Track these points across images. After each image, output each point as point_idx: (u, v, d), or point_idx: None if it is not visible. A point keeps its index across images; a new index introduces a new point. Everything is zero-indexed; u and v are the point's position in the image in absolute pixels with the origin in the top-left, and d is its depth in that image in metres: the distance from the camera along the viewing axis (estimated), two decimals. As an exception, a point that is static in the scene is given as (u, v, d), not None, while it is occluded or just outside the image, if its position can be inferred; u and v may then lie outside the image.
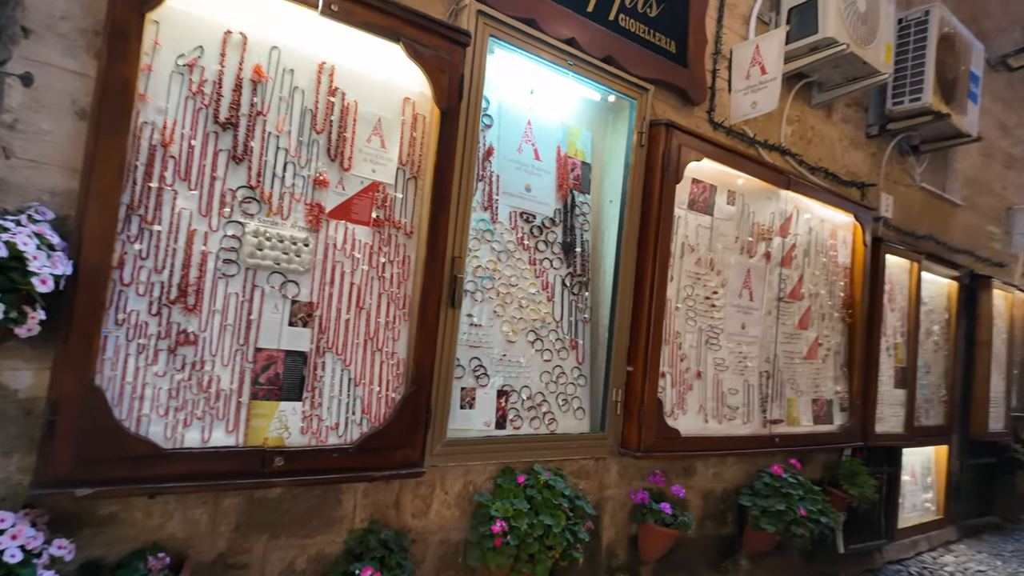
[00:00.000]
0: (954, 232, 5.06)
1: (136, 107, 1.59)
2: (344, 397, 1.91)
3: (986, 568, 4.34)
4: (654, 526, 2.64)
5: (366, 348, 1.96)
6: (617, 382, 2.63)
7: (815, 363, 3.61)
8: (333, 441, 1.87)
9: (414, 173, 2.09)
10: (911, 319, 4.26)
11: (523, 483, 2.23)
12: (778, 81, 2.96)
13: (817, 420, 3.58)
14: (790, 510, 2.94)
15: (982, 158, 5.45)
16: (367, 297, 1.97)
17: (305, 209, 1.87)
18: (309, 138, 1.89)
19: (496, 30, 2.26)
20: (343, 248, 1.93)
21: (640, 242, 2.71)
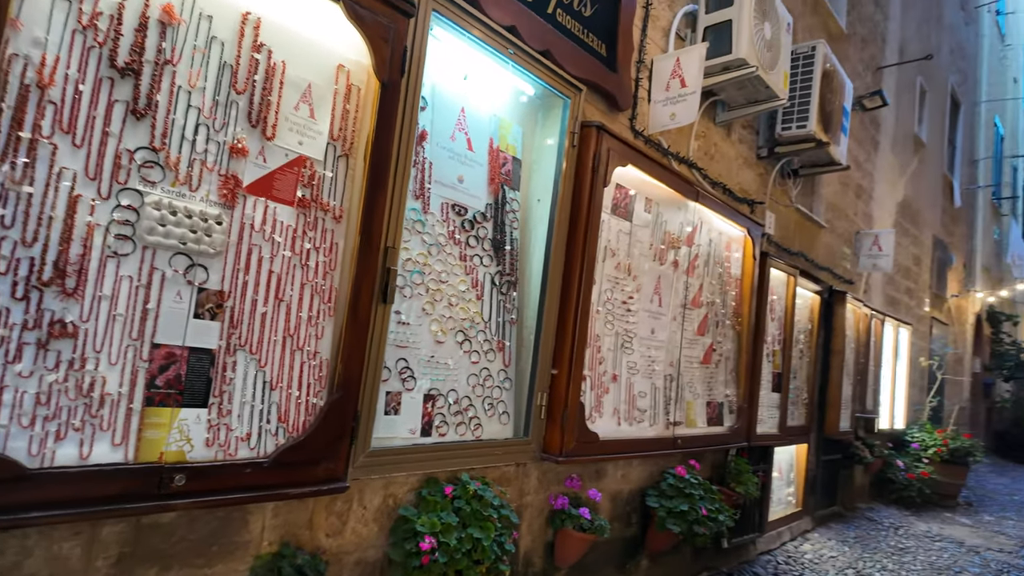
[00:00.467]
0: (818, 251, 5.61)
1: (6, 34, 1.24)
2: (258, 403, 1.65)
3: (836, 554, 4.85)
4: (572, 532, 2.60)
5: (285, 346, 1.71)
6: (542, 385, 2.56)
7: (710, 368, 3.80)
8: (244, 454, 1.61)
9: (346, 150, 1.87)
10: (787, 328, 4.65)
11: (451, 494, 2.08)
12: (697, 95, 3.07)
13: (710, 422, 3.77)
14: (693, 510, 3.04)
15: (840, 186, 6.12)
16: (288, 288, 1.72)
17: (219, 181, 1.59)
18: (227, 98, 1.61)
19: (439, 5, 2.10)
20: (262, 229, 1.67)
21: (568, 244, 2.67)
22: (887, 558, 4.89)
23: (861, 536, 5.47)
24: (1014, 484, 9.37)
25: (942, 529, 6.08)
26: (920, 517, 6.52)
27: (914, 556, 5.03)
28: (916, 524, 6.17)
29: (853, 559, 4.76)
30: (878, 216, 7.11)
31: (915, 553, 5.11)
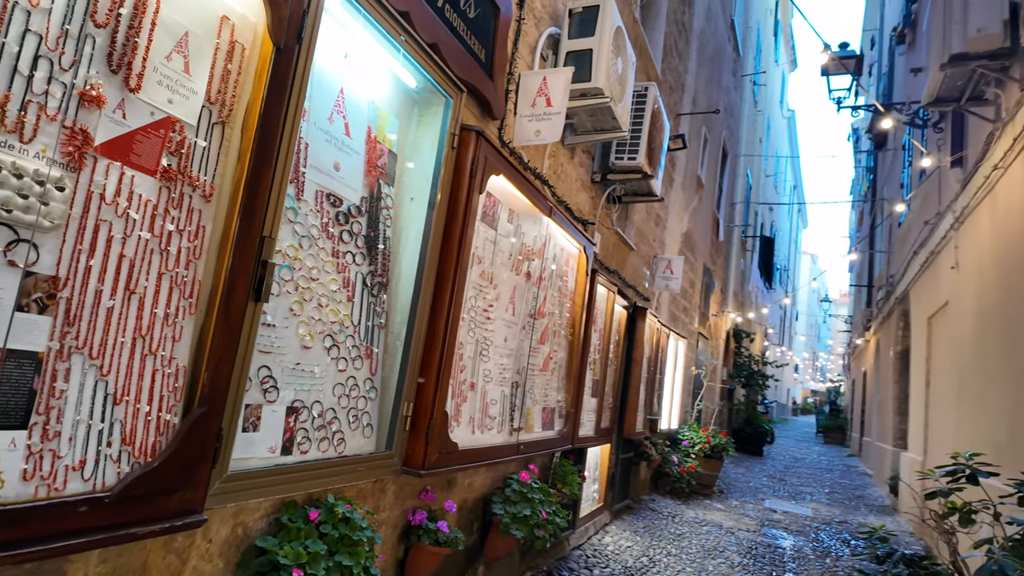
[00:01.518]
0: (627, 270, 6.23)
1: None
2: (97, 421, 1.30)
3: (631, 544, 5.40)
4: (427, 547, 2.50)
5: (135, 350, 1.37)
6: (409, 395, 2.43)
7: (547, 375, 3.97)
8: (76, 488, 1.25)
9: (223, 117, 1.57)
10: (605, 339, 5.07)
11: (316, 519, 1.86)
12: (562, 116, 3.20)
13: (544, 427, 3.94)
14: (535, 514, 3.14)
15: (646, 214, 6.88)
16: (142, 278, 1.39)
17: (63, 134, 1.22)
18: (82, 29, 1.25)
19: (339, -27, 1.88)
20: (115, 202, 1.33)
21: (443, 248, 2.58)
22: (669, 544, 5.58)
23: (648, 526, 6.17)
24: (748, 473, 11.38)
25: (705, 515, 7.12)
26: (688, 505, 7.56)
27: (689, 541, 5.81)
28: (686, 512, 7.15)
29: (645, 547, 5.34)
30: (669, 244, 8.13)
31: (690, 538, 5.91)
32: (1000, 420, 4.29)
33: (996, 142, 4.56)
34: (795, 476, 11.81)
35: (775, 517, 7.55)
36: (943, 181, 6.45)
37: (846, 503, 9.22)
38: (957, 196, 5.74)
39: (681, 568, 4.88)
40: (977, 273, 5.19)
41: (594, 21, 3.57)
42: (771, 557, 5.61)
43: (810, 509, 8.36)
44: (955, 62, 4.36)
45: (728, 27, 11.57)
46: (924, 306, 7.64)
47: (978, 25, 4.13)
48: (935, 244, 6.66)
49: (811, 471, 12.97)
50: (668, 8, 6.98)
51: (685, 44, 8.06)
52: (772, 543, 6.14)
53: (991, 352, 4.70)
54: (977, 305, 5.15)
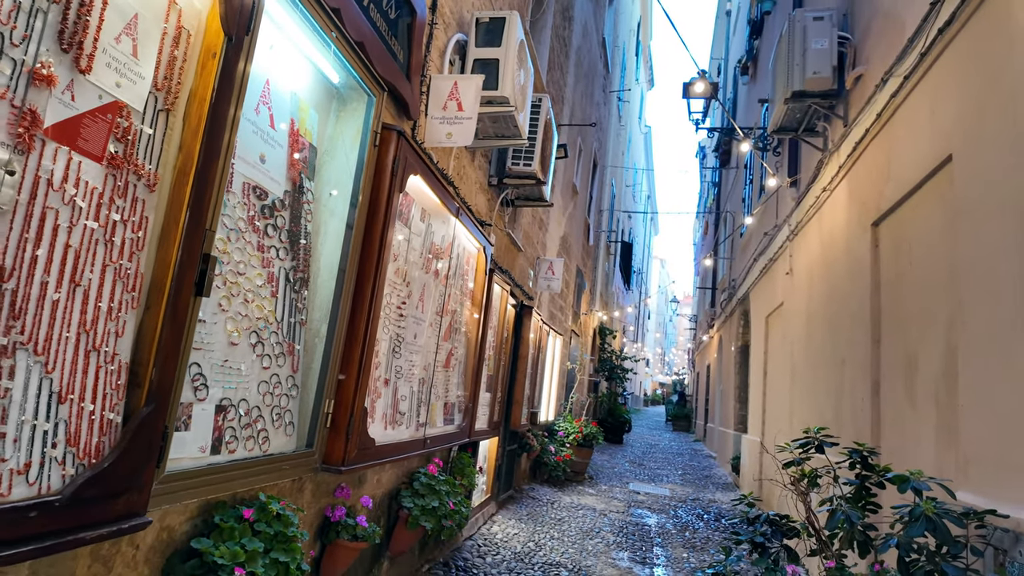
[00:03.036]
0: (516, 271, 6.49)
1: None
2: (42, 421, 1.21)
3: (517, 531, 5.65)
4: (345, 543, 2.51)
5: (79, 346, 1.30)
6: (330, 392, 2.43)
7: (448, 371, 4.07)
8: (22, 493, 1.16)
9: (168, 104, 1.52)
10: (499, 336, 5.27)
11: (250, 517, 1.82)
12: (473, 121, 3.33)
13: (446, 422, 4.04)
14: (443, 505, 3.24)
15: (532, 218, 7.20)
16: (87, 269, 1.32)
17: (11, 114, 1.14)
18: (34, 3, 1.17)
19: (280, -35, 1.86)
20: (61, 188, 1.25)
21: (364, 245, 2.60)
22: (552, 529, 5.92)
23: (531, 513, 6.48)
24: (612, 460, 12.25)
25: (580, 500, 7.61)
26: (564, 492, 8.02)
27: (569, 524, 6.19)
28: (563, 498, 7.58)
29: (530, 533, 5.62)
30: (550, 246, 8.56)
31: (569, 522, 6.31)
32: (826, 401, 5.10)
33: (824, 167, 5.41)
34: (652, 461, 12.91)
35: (639, 499, 8.25)
36: (780, 198, 7.47)
37: (697, 483, 10.28)
38: (792, 212, 6.69)
39: (564, 550, 5.22)
40: (807, 278, 6.10)
41: (500, 32, 3.73)
42: (640, 534, 6.16)
43: (668, 490, 9.22)
44: (796, 98, 5.11)
45: (600, 44, 12.35)
46: (762, 306, 8.76)
47: (814, 68, 4.89)
48: (773, 252, 7.68)
49: (665, 456, 14.23)
50: (552, 23, 7.36)
51: (565, 58, 8.53)
52: (640, 522, 6.73)
53: (817, 346, 5.57)
54: (806, 306, 6.05)
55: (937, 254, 3.20)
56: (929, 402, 3.18)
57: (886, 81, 3.86)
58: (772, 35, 9.80)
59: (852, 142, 4.57)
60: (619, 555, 5.29)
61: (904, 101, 3.63)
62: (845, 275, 4.76)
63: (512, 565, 4.53)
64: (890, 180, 3.85)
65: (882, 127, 4.01)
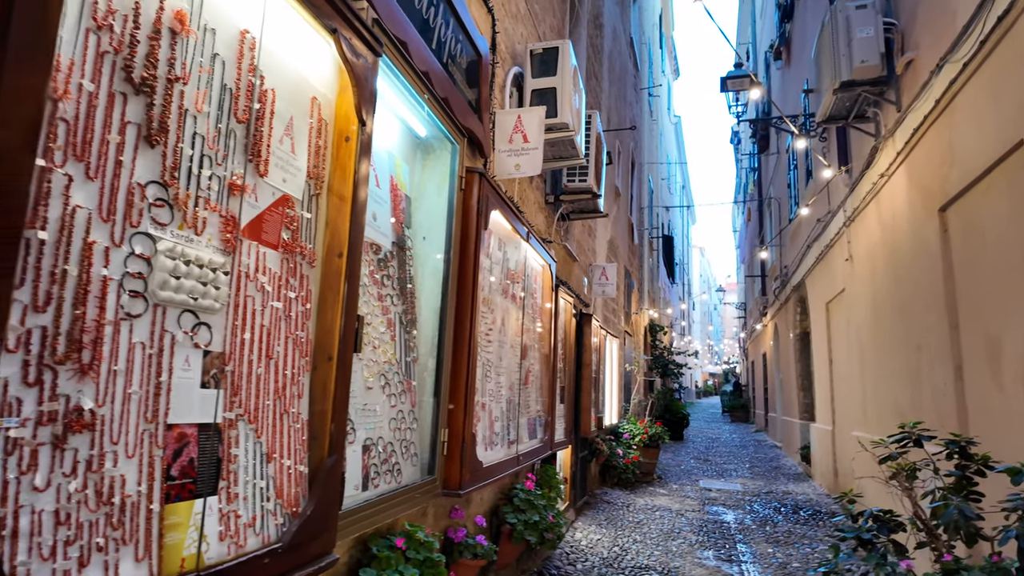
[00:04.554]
0: (572, 280, 6.63)
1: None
2: (258, 479, 1.42)
3: (600, 536, 5.77)
4: (467, 561, 2.69)
5: (275, 410, 1.50)
6: (443, 422, 2.62)
7: (528, 388, 4.24)
8: (252, 544, 1.37)
9: (318, 189, 1.72)
10: (567, 347, 5.41)
11: (402, 546, 2.02)
12: (540, 151, 3.50)
13: (530, 437, 4.20)
14: (543, 519, 3.39)
15: (582, 227, 7.32)
16: (276, 343, 1.52)
17: (220, 222, 1.35)
18: (228, 127, 1.38)
19: (385, 49, 2.06)
20: (255, 278, 1.46)
21: (459, 282, 2.79)
22: (632, 532, 6.02)
23: (608, 517, 6.58)
24: (677, 457, 12.22)
25: (653, 501, 7.67)
26: (636, 494, 8.09)
27: (648, 526, 6.28)
28: (636, 500, 7.66)
29: (613, 538, 5.73)
30: (599, 252, 8.66)
31: (648, 524, 6.39)
32: (901, 387, 5.07)
33: (879, 154, 5.38)
34: (717, 455, 12.81)
35: (712, 495, 8.25)
36: (832, 184, 7.40)
37: (766, 475, 10.18)
38: (846, 198, 6.64)
39: (649, 552, 5.31)
40: (869, 264, 6.05)
41: (554, 61, 3.89)
42: (720, 532, 6.19)
43: (739, 484, 9.18)
44: (844, 87, 5.11)
45: (628, 44, 12.40)
46: (821, 293, 8.66)
47: (861, 56, 4.89)
48: (829, 239, 7.61)
49: (729, 449, 14.09)
50: (586, 33, 7.49)
51: (599, 66, 8.64)
52: (717, 519, 6.75)
53: (887, 331, 5.52)
54: (871, 292, 6.00)
55: (1012, 236, 3.20)
56: (1018, 384, 3.18)
57: (941, 67, 3.86)
58: (804, 18, 9.69)
59: (909, 128, 4.56)
60: (704, 554, 5.35)
61: (963, 87, 3.63)
62: (913, 260, 4.74)
63: (603, 571, 4.66)
64: (954, 166, 3.84)
65: (941, 113, 4.00)
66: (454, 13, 2.83)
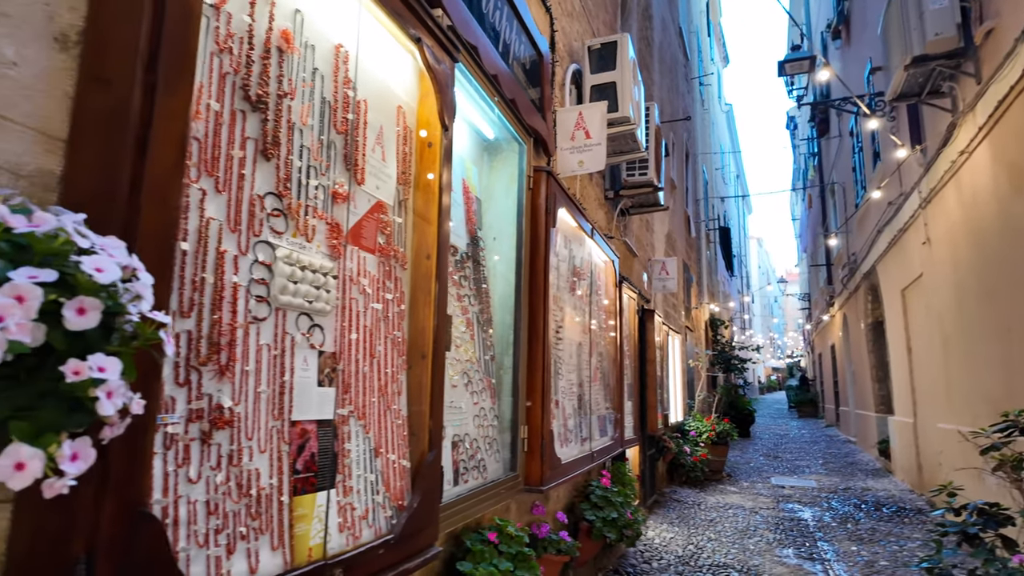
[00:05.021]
0: (633, 276, 6.56)
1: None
2: (368, 474, 1.48)
3: (673, 535, 5.69)
4: (552, 557, 2.71)
5: (379, 407, 1.56)
6: (522, 418, 2.65)
7: (596, 385, 4.23)
8: (367, 536, 1.43)
9: (407, 194, 1.78)
10: (631, 344, 5.36)
11: (495, 540, 2.06)
12: (603, 146, 3.48)
13: (600, 434, 4.19)
14: (621, 516, 3.38)
15: (640, 222, 7.24)
16: (377, 343, 1.58)
17: (327, 229, 1.42)
18: (328, 138, 1.45)
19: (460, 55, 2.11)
20: (357, 281, 1.52)
21: (531, 281, 2.81)
22: (706, 530, 5.90)
23: (680, 516, 6.48)
24: (745, 454, 11.90)
25: (725, 499, 7.50)
26: (706, 492, 7.93)
27: (722, 524, 6.14)
28: (707, 498, 7.50)
29: (686, 536, 5.64)
30: (657, 246, 8.53)
31: (721, 522, 6.25)
32: (993, 374, 4.78)
33: (958, 130, 5.09)
34: (787, 452, 12.39)
35: (785, 492, 7.99)
36: (904, 165, 7.05)
37: (842, 471, 9.78)
38: (920, 179, 6.31)
39: (726, 551, 5.19)
40: (950, 247, 5.73)
41: (612, 56, 3.87)
42: (798, 529, 5.99)
43: (813, 481, 8.85)
44: (917, 63, 4.87)
45: (677, 34, 12.18)
46: (896, 280, 8.26)
47: (935, 29, 4.64)
48: (903, 223, 7.25)
49: (799, 445, 13.61)
50: (637, 27, 7.41)
51: (650, 58, 8.52)
52: (794, 516, 6.54)
53: (973, 316, 5.22)
54: (954, 276, 5.68)
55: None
56: None
57: (1030, 33, 3.63)
58: (865, -7, 9.27)
59: (992, 101, 4.30)
60: (784, 552, 5.19)
61: (1057, 52, 3.40)
62: (1002, 241, 4.46)
63: (680, 569, 4.59)
64: (1049, 136, 3.60)
65: (1031, 81, 3.76)
66: (516, 14, 2.86)
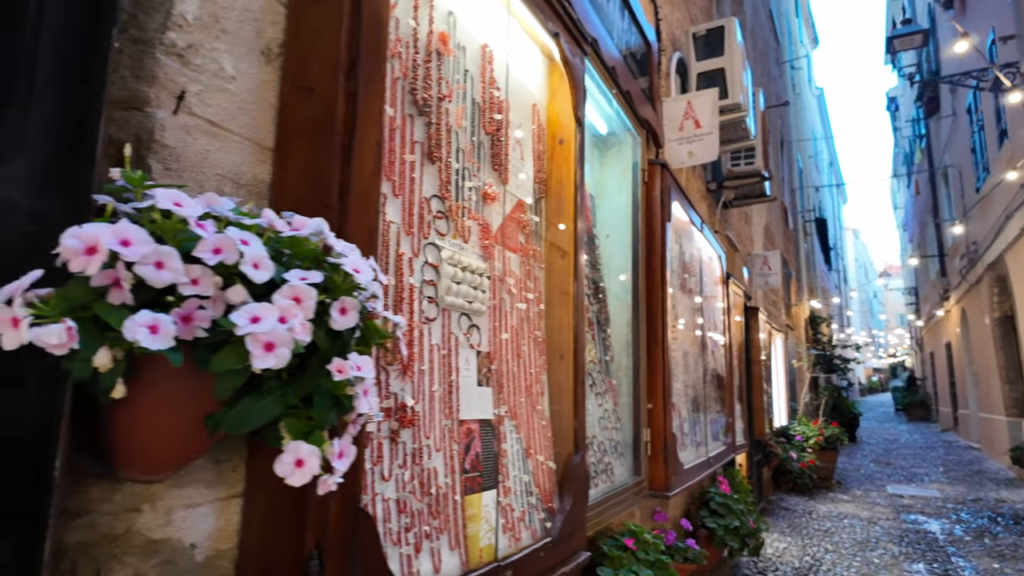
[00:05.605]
0: (735, 271, 6.28)
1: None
2: (523, 475, 1.47)
3: (786, 545, 5.39)
4: (679, 565, 2.61)
5: (527, 407, 1.55)
6: (644, 421, 2.57)
7: (708, 387, 4.06)
8: (525, 537, 1.42)
9: (542, 192, 1.76)
10: (739, 342, 5.13)
11: (632, 546, 2.00)
12: (715, 136, 3.34)
13: (714, 439, 4.02)
14: (744, 524, 3.22)
15: (739, 214, 6.93)
16: (523, 343, 1.57)
17: (479, 230, 1.42)
18: (478, 139, 1.45)
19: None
20: (504, 281, 1.52)
21: (647, 279, 2.73)
22: (822, 541, 5.55)
23: (791, 525, 6.14)
24: (852, 461, 11.14)
25: (837, 508, 7.04)
26: (816, 500, 7.48)
27: (839, 535, 5.76)
28: (818, 507, 7.07)
29: (801, 547, 5.33)
30: (756, 239, 8.15)
31: (837, 533, 5.86)
32: None
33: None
34: (900, 458, 11.50)
35: (905, 502, 7.40)
36: (1042, 142, 6.35)
37: (968, 480, 8.95)
38: (1066, 156, 5.66)
39: (847, 563, 4.86)
40: (1106, 231, 5.10)
41: (719, 41, 3.72)
42: (926, 543, 5.52)
43: (935, 490, 8.15)
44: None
45: (767, 17, 11.61)
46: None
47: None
48: (1041, 206, 6.53)
49: (913, 451, 12.61)
50: (730, 12, 7.11)
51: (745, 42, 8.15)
52: (920, 529, 6.04)
53: None
54: (1112, 263, 5.04)
55: None
56: None
57: None
58: (986, -44, 8.44)
59: None
60: (914, 567, 4.80)
61: None
62: None
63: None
64: None
65: None
66: (627, 4, 2.79)
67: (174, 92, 0.79)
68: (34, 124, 0.56)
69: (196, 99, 0.82)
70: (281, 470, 0.59)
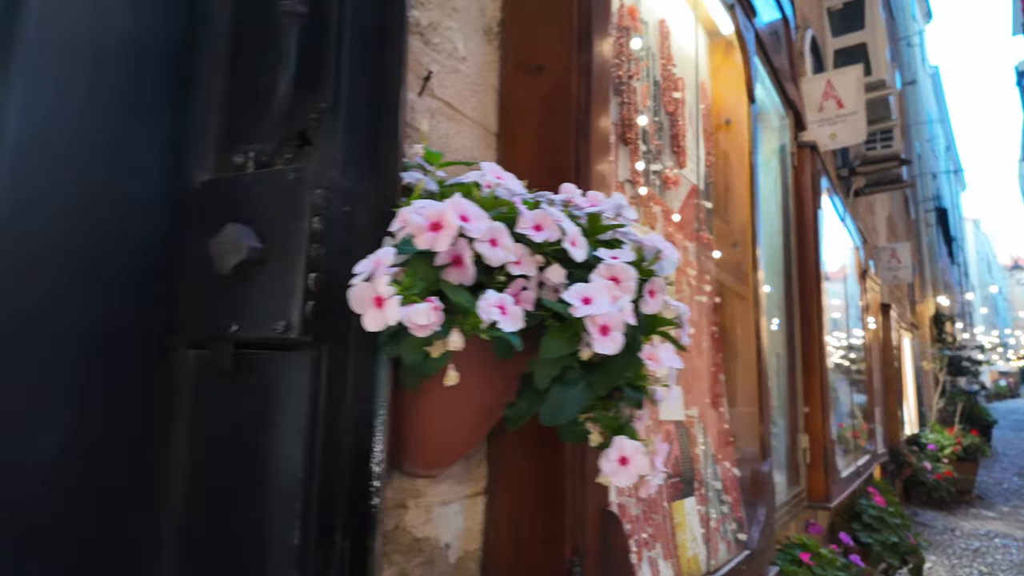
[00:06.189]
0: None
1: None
2: (715, 481, 1.36)
3: (931, 564, 4.89)
4: (840, 581, 2.39)
5: (710, 409, 1.44)
6: (803, 426, 2.38)
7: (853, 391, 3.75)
8: (723, 550, 1.31)
9: (712, 176, 1.64)
10: (876, 341, 4.72)
11: (808, 560, 1.84)
12: (861, 115, 3.06)
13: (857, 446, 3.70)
14: (903, 541, 2.92)
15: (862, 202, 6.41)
16: (703, 339, 1.46)
17: (662, 216, 1.32)
18: (660, 120, 1.35)
19: (741, 20, 1.93)
20: (684, 272, 1.41)
21: (801, 271, 2.53)
22: (973, 562, 5.00)
23: (932, 543, 5.57)
24: (991, 473, 10.04)
25: (983, 525, 6.34)
26: (956, 515, 6.78)
27: (992, 556, 5.17)
28: (960, 523, 6.40)
29: (949, 568, 4.82)
30: (880, 230, 7.52)
31: (990, 553, 5.27)
32: None
33: None
34: (1050, 472, 10.25)
35: (1068, 522, 6.55)
36: None
37: None
38: None
39: (1010, 588, 4.34)
40: None
41: (859, 15, 3.42)
42: (1106, 570, 4.84)
43: (1105, 509, 7.17)
44: None
45: (883, -8, 10.73)
46: None
47: None
48: None
49: (1067, 465, 11.21)
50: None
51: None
52: (1094, 553, 5.31)
53: None
54: None
55: None
56: None
57: None
58: None
59: None
60: (1096, 598, 4.21)
61: None
62: None
63: (958, 606, 3.91)
64: None
65: None
66: (768, -21, 2.60)
67: (419, 74, 0.75)
68: (343, 103, 0.52)
69: (436, 81, 0.78)
70: (607, 468, 0.53)
